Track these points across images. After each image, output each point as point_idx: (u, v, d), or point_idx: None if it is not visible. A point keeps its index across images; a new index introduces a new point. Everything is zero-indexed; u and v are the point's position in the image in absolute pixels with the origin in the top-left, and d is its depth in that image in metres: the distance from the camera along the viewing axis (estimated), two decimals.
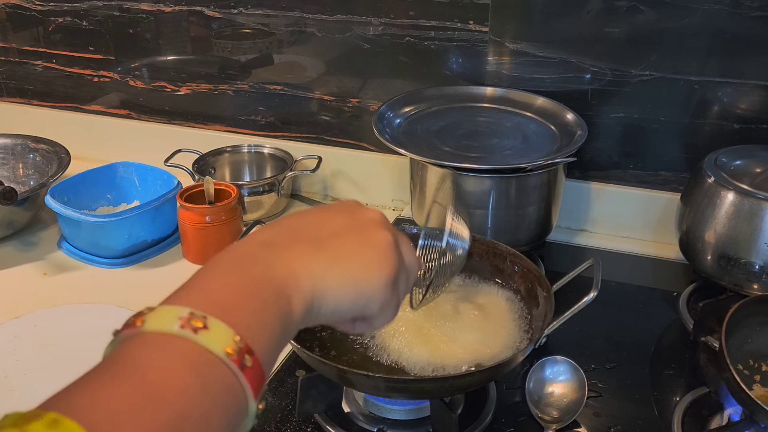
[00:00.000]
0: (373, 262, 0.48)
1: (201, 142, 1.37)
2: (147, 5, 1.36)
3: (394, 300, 0.50)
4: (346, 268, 0.47)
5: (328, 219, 0.50)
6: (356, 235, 0.49)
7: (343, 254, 0.47)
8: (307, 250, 0.46)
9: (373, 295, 0.48)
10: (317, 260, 0.46)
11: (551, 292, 0.81)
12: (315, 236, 0.48)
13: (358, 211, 0.52)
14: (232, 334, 0.38)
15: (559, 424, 0.79)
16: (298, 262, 0.45)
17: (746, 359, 0.82)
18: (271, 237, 0.47)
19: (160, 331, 0.38)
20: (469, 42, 1.17)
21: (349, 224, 0.50)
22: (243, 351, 0.38)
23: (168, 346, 0.37)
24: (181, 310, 0.38)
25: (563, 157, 1.01)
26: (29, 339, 0.94)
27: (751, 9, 1.00)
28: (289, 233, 0.48)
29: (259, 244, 0.46)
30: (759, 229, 0.91)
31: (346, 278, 0.47)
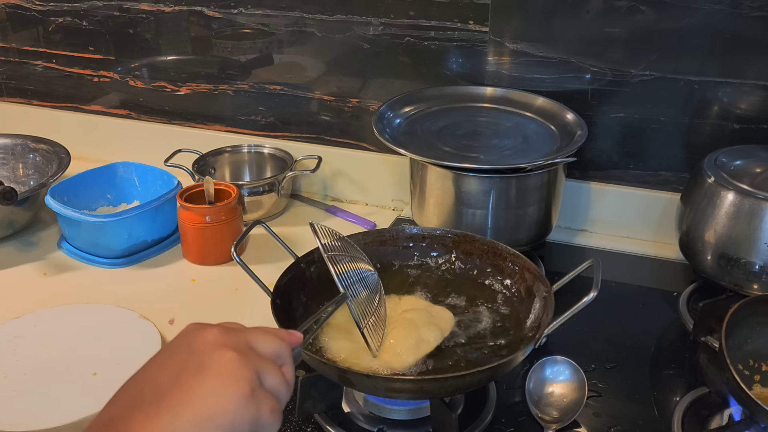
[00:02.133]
0: (219, 389, 0.46)
1: (201, 142, 1.37)
2: (147, 5, 1.36)
3: (265, 407, 0.48)
4: (192, 409, 0.45)
5: (164, 365, 0.49)
6: (194, 370, 0.47)
7: (185, 399, 0.45)
8: (146, 413, 0.45)
9: (235, 419, 0.46)
10: (158, 419, 0.44)
11: (551, 292, 0.81)
12: (155, 390, 0.46)
13: (194, 339, 0.50)
14: None
15: (559, 424, 0.79)
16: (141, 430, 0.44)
17: (746, 359, 0.82)
18: (113, 411, 0.46)
19: None
20: (469, 42, 1.17)
21: (185, 361, 0.48)
22: None
23: None
24: None
25: (563, 157, 1.01)
26: (29, 339, 0.94)
27: (751, 9, 1.00)
28: (130, 398, 0.47)
29: (101, 425, 0.45)
30: (759, 229, 0.91)
31: (196, 420, 0.45)
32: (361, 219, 1.28)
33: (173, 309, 1.02)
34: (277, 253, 0.98)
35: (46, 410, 0.81)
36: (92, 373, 0.87)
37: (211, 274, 1.12)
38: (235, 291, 1.07)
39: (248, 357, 0.49)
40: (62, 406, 0.82)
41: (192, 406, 0.45)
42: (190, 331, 0.51)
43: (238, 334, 0.50)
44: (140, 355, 0.89)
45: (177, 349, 0.50)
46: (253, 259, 1.06)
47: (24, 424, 0.79)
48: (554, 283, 0.84)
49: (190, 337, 0.50)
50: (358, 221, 1.28)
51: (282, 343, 0.53)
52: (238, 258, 0.85)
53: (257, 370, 0.48)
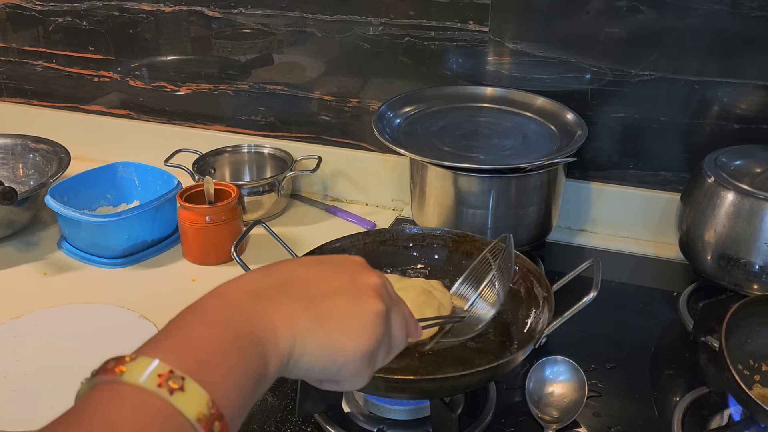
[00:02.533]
0: (355, 331, 0.47)
1: (201, 142, 1.37)
2: (147, 5, 1.36)
3: (367, 371, 0.49)
4: (328, 333, 0.46)
5: (326, 276, 0.49)
6: (348, 300, 0.48)
7: (328, 318, 0.47)
8: (294, 307, 0.46)
9: (346, 365, 0.47)
10: (303, 320, 0.46)
11: (551, 292, 0.81)
12: (308, 293, 0.47)
13: (359, 273, 0.51)
14: (207, 399, 0.38)
15: (559, 424, 0.79)
16: (284, 319, 0.45)
17: (746, 359, 0.82)
18: (263, 286, 0.47)
19: (137, 385, 0.38)
20: (469, 42, 1.17)
21: (345, 286, 0.49)
22: (214, 417, 0.38)
23: (143, 404, 0.37)
24: (162, 367, 0.39)
25: (563, 157, 1.01)
26: (29, 339, 0.94)
27: (751, 9, 1.00)
28: (282, 285, 0.48)
29: (249, 293, 0.46)
30: (759, 229, 0.91)
31: (324, 343, 0.46)
32: (361, 219, 1.28)
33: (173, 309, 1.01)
34: (277, 253, 0.98)
35: (46, 410, 0.81)
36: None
37: (211, 274, 1.12)
38: None
39: (386, 322, 0.50)
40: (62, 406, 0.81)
41: (329, 329, 0.46)
42: (357, 262, 0.52)
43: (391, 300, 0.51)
44: None
45: (341, 269, 0.50)
46: (253, 259, 1.06)
47: (24, 424, 0.79)
48: (554, 283, 0.84)
49: (356, 266, 0.51)
50: (358, 221, 1.28)
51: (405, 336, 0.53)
52: (238, 258, 0.85)
53: (382, 340, 0.49)
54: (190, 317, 0.44)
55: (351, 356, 0.47)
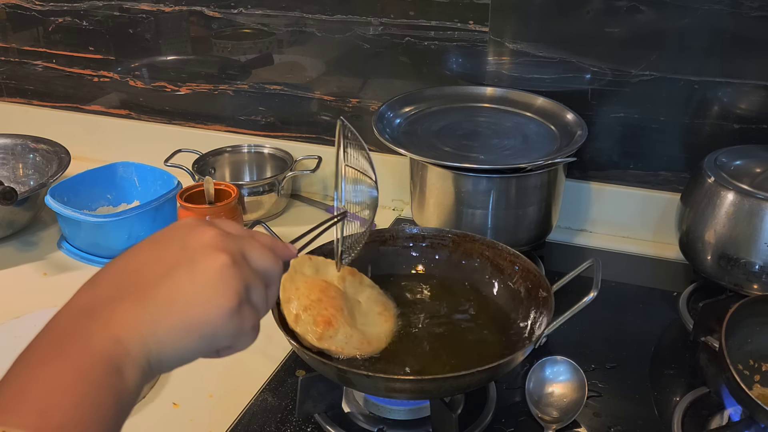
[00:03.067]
0: (205, 296, 0.44)
1: (201, 142, 1.37)
2: (147, 5, 1.36)
3: (247, 322, 0.46)
4: (177, 313, 0.43)
5: (155, 256, 0.45)
6: (185, 269, 0.44)
7: (171, 297, 0.43)
8: (129, 306, 0.42)
9: (217, 331, 0.44)
10: (143, 315, 0.42)
11: (551, 292, 0.81)
12: (141, 282, 0.43)
13: (189, 236, 0.46)
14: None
15: (559, 424, 0.79)
16: (122, 324, 0.41)
17: (746, 359, 0.82)
18: (93, 297, 0.43)
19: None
20: (469, 42, 1.17)
21: (178, 257, 0.45)
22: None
23: None
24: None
25: (563, 157, 1.01)
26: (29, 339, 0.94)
27: (751, 9, 1.00)
28: (112, 286, 0.44)
29: (79, 311, 0.42)
30: (759, 229, 0.91)
31: (179, 325, 0.43)
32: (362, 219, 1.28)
33: None
34: None
35: None
36: None
37: None
38: None
39: (241, 268, 0.46)
40: None
41: (178, 309, 0.43)
42: (185, 225, 0.48)
43: (234, 241, 0.47)
44: None
45: (169, 243, 0.46)
46: None
47: None
48: (554, 283, 0.84)
49: (184, 231, 0.47)
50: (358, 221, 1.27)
51: (276, 261, 0.50)
52: None
53: (247, 283, 0.46)
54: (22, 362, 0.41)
55: (215, 321, 0.44)
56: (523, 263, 0.88)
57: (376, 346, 0.79)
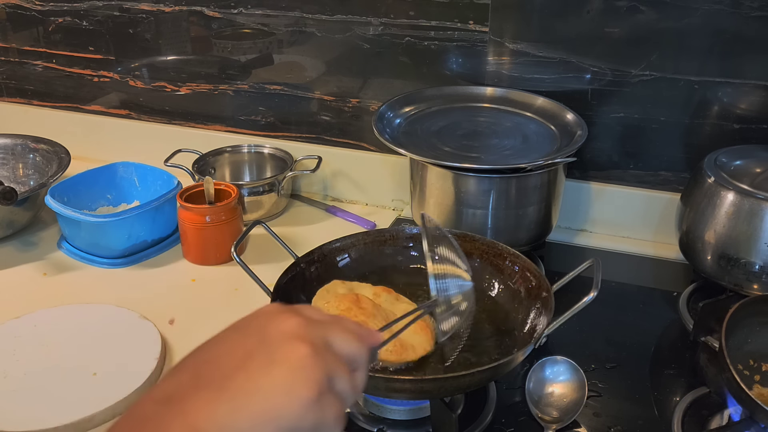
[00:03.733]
0: (285, 386, 0.43)
1: (201, 142, 1.37)
2: (147, 5, 1.36)
3: (330, 412, 0.45)
4: (255, 404, 0.42)
5: (234, 346, 0.45)
6: (264, 360, 0.44)
7: (249, 389, 0.42)
8: (207, 396, 0.42)
9: (296, 423, 0.43)
10: (220, 405, 0.42)
11: (551, 292, 0.81)
12: (219, 373, 0.43)
13: (269, 325, 0.46)
14: None
15: (559, 424, 0.79)
16: (200, 415, 0.41)
17: (746, 359, 0.82)
18: (172, 387, 0.43)
19: None
20: (469, 42, 1.17)
21: (255, 347, 0.44)
22: None
23: None
24: None
25: (563, 157, 1.01)
26: (29, 339, 0.94)
27: (751, 9, 1.00)
28: (191, 377, 0.44)
29: (157, 401, 0.43)
30: (759, 229, 0.91)
31: (258, 416, 0.42)
32: (361, 219, 1.28)
33: (173, 309, 1.02)
34: (277, 253, 0.98)
35: (46, 410, 0.81)
36: (92, 373, 0.87)
37: (211, 274, 1.12)
38: (235, 291, 1.07)
39: (323, 356, 0.45)
40: (62, 406, 0.82)
41: (256, 401, 0.42)
42: (267, 313, 0.48)
43: (317, 328, 0.47)
44: (140, 355, 0.90)
45: (249, 332, 0.46)
46: (253, 259, 1.06)
47: (24, 424, 0.79)
48: (554, 283, 0.84)
49: (265, 321, 0.47)
50: (358, 221, 1.28)
51: (361, 346, 0.49)
52: (238, 258, 0.85)
53: (329, 372, 0.45)
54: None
55: (295, 413, 0.43)
56: (523, 263, 0.88)
57: (413, 353, 0.77)
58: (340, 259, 0.93)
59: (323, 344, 0.46)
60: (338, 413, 0.45)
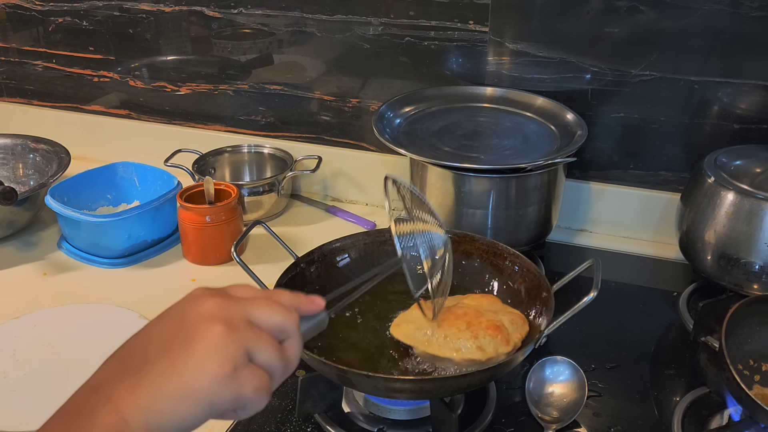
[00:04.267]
0: (198, 365, 0.45)
1: (201, 142, 1.37)
2: (147, 5, 1.36)
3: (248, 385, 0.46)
4: (173, 384, 0.44)
5: (158, 331, 0.48)
6: (181, 343, 0.46)
7: (167, 370, 0.45)
8: (131, 381, 0.45)
9: (216, 396, 0.45)
10: (141, 388, 0.44)
11: (551, 292, 0.81)
12: (143, 359, 0.46)
13: (190, 308, 0.48)
14: None
15: (559, 424, 0.79)
16: (124, 399, 0.44)
17: (746, 359, 0.82)
18: (101, 376, 0.46)
19: None
20: (469, 42, 1.17)
21: (176, 331, 0.47)
22: None
23: None
24: None
25: (563, 157, 1.01)
26: (29, 339, 0.94)
27: (751, 9, 1.00)
28: (120, 363, 0.47)
29: (88, 389, 0.46)
30: (759, 229, 0.91)
31: (176, 395, 0.44)
32: (361, 219, 1.28)
33: None
34: (277, 253, 0.98)
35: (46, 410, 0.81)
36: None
37: (211, 274, 1.12)
38: None
39: (239, 332, 0.47)
40: None
41: (174, 381, 0.44)
42: (191, 297, 0.50)
43: (237, 306, 0.49)
44: None
45: (172, 318, 0.49)
46: (253, 259, 1.06)
47: (24, 424, 0.79)
48: (554, 283, 0.84)
49: (187, 305, 0.49)
50: (358, 221, 1.28)
51: (288, 316, 0.50)
52: (238, 258, 0.85)
53: (247, 346, 0.47)
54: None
55: (210, 387, 0.45)
56: (523, 263, 0.88)
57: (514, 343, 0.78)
58: (340, 259, 0.93)
59: (242, 320, 0.48)
60: (258, 385, 0.47)
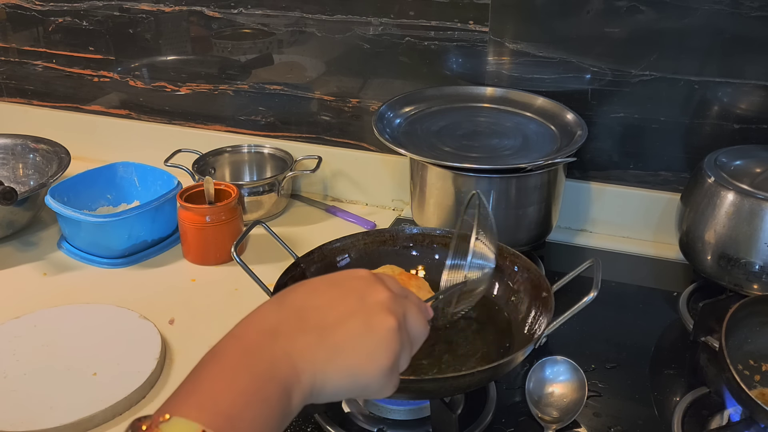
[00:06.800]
0: (372, 352, 0.49)
1: (201, 142, 1.37)
2: (147, 5, 1.36)
3: (392, 381, 0.51)
4: (346, 359, 0.48)
5: (336, 301, 0.51)
6: (361, 322, 0.49)
7: (344, 344, 0.48)
8: (310, 340, 0.48)
9: (370, 384, 0.50)
10: (319, 352, 0.47)
11: (551, 292, 0.81)
12: (320, 322, 0.49)
13: (368, 290, 0.52)
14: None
15: (559, 424, 0.79)
16: (302, 356, 0.47)
17: (746, 359, 0.82)
18: (278, 322, 0.48)
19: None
20: (469, 42, 1.17)
21: (355, 309, 0.50)
22: None
23: None
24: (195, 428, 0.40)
25: (563, 157, 1.01)
26: (29, 339, 0.94)
27: (751, 9, 1.00)
28: (296, 318, 0.49)
29: (265, 333, 0.47)
30: (759, 229, 0.91)
31: (345, 370, 0.48)
32: (361, 219, 1.28)
33: (173, 309, 1.02)
34: (277, 253, 0.98)
35: (46, 410, 0.81)
36: (92, 373, 0.87)
37: (211, 274, 1.12)
38: (235, 291, 1.07)
39: (402, 332, 0.51)
40: (62, 406, 0.82)
41: (348, 357, 0.48)
42: (362, 278, 0.53)
43: (401, 304, 0.52)
44: (140, 355, 0.90)
45: (349, 292, 0.51)
46: (253, 259, 1.06)
47: (24, 424, 0.79)
48: (554, 283, 0.84)
49: (363, 285, 0.52)
50: (358, 221, 1.28)
51: (426, 327, 0.55)
52: (238, 258, 0.85)
53: (402, 347, 0.51)
54: (211, 366, 0.45)
55: (373, 376, 0.49)
56: (523, 263, 0.88)
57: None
58: (340, 259, 0.93)
59: (404, 320, 0.52)
60: (396, 384, 0.52)
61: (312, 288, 0.52)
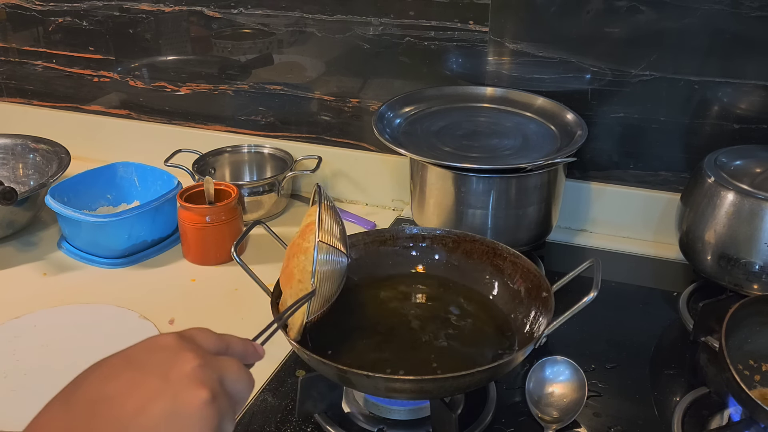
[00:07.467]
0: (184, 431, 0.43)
1: (201, 142, 1.37)
2: (147, 5, 1.36)
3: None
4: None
5: (134, 385, 0.44)
6: (166, 404, 0.43)
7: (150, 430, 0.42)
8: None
9: None
10: None
11: (551, 292, 0.81)
12: (118, 414, 0.42)
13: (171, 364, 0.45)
14: None
15: (559, 424, 0.79)
16: None
17: (746, 359, 0.82)
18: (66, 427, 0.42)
19: None
20: (469, 42, 1.17)
21: (158, 389, 0.43)
22: None
23: None
24: None
25: (563, 157, 1.01)
26: (29, 339, 0.94)
27: (751, 9, 1.00)
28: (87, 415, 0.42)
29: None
30: (759, 229, 0.91)
31: None
32: (361, 219, 1.28)
33: (173, 309, 1.02)
34: (277, 253, 0.97)
35: None
36: None
37: (211, 274, 1.12)
38: (235, 291, 1.07)
39: (219, 401, 0.45)
40: None
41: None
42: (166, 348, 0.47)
43: (215, 367, 0.47)
44: None
45: (150, 371, 0.45)
46: (253, 259, 1.06)
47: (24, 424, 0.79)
48: (554, 283, 0.84)
49: (166, 358, 0.46)
50: (358, 221, 1.28)
51: (251, 382, 0.50)
52: (238, 258, 0.85)
53: (222, 416, 0.45)
54: None
55: None
56: (523, 263, 0.88)
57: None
58: None
59: (219, 387, 0.46)
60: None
61: (106, 373, 0.45)
